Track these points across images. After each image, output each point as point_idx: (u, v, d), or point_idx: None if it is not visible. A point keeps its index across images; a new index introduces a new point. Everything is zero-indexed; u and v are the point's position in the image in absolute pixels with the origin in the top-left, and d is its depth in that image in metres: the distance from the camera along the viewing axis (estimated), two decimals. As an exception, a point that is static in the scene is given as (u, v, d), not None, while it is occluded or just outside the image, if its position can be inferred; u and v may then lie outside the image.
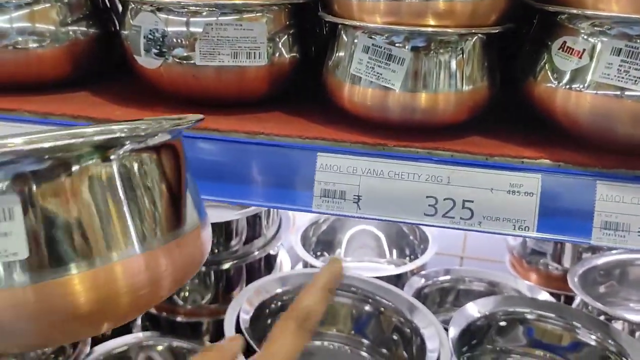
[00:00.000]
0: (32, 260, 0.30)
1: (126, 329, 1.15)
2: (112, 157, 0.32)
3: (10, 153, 0.30)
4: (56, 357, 0.88)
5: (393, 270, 1.14)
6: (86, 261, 0.31)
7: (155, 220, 0.34)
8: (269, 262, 1.05)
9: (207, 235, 0.40)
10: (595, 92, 0.48)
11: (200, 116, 0.40)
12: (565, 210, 0.50)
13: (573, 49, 0.49)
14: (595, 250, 1.05)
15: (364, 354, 0.86)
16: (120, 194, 0.33)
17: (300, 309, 0.38)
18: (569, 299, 1.03)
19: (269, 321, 0.83)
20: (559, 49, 0.51)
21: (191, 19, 0.55)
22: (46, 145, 0.30)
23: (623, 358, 0.73)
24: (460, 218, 0.51)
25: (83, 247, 0.31)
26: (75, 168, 0.31)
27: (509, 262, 1.20)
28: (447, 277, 1.07)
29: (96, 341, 0.97)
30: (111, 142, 0.33)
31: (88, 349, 0.94)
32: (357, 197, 0.52)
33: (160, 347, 0.93)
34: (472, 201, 0.51)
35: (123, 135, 0.33)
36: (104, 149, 0.32)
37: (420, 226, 1.24)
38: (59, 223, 0.31)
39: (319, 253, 1.28)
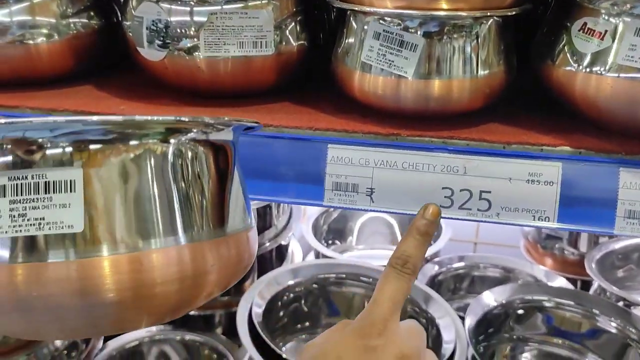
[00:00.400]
0: (84, 234, 0.30)
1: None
2: (174, 142, 0.33)
3: (80, 122, 0.30)
4: (69, 352, 0.88)
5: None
6: (133, 243, 0.31)
7: (205, 213, 0.35)
8: (281, 253, 1.05)
9: (254, 238, 0.40)
10: (617, 75, 0.46)
11: (257, 122, 0.41)
12: (587, 199, 0.48)
13: (594, 30, 0.47)
14: (612, 235, 1.03)
15: (379, 344, 0.85)
16: (178, 181, 0.33)
17: (397, 256, 0.42)
18: (586, 284, 1.01)
19: (282, 313, 0.82)
20: (579, 31, 0.48)
21: (195, 9, 0.54)
22: (118, 119, 0.31)
23: (644, 346, 0.72)
24: (478, 209, 0.49)
25: (137, 228, 0.32)
26: (138, 148, 0.32)
27: (523, 248, 1.18)
28: (462, 264, 1.06)
29: (109, 336, 0.97)
30: (179, 126, 0.33)
31: (101, 343, 0.94)
32: (370, 190, 0.51)
33: (173, 341, 0.93)
34: (490, 192, 0.49)
35: (191, 122, 0.34)
36: (169, 133, 0.33)
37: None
38: (115, 201, 0.31)
39: (330, 242, 1.27)
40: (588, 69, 0.47)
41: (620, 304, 0.83)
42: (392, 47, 0.49)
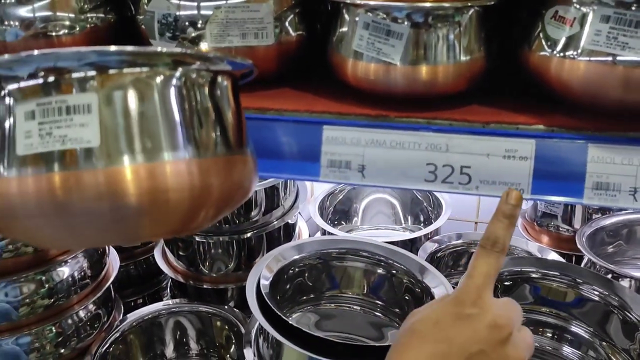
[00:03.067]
0: (102, 148, 0.36)
1: (157, 297, 1.22)
2: (179, 71, 0.39)
3: (98, 53, 0.36)
4: (92, 323, 0.95)
5: (407, 236, 1.18)
6: (144, 155, 0.37)
7: (210, 134, 0.41)
8: (288, 231, 1.10)
9: (252, 166, 0.46)
10: (586, 58, 0.50)
11: (250, 62, 0.46)
12: (559, 173, 0.52)
13: (565, 18, 0.51)
14: (605, 211, 1.07)
15: (378, 314, 0.91)
16: (185, 104, 0.40)
17: (487, 237, 0.47)
18: (579, 259, 1.06)
19: (288, 286, 0.88)
20: (551, 18, 0.53)
21: (201, 3, 0.59)
22: (129, 49, 0.37)
23: (626, 312, 0.76)
24: (459, 183, 0.54)
25: (146, 142, 0.37)
26: (147, 75, 0.38)
27: (521, 226, 1.23)
28: (460, 241, 1.10)
29: (128, 309, 1.04)
30: (185, 57, 0.40)
31: (121, 315, 1.01)
32: (361, 167, 0.56)
33: (188, 312, 0.99)
34: (470, 167, 0.54)
35: (194, 54, 0.41)
36: (177, 63, 0.39)
37: (435, 193, 1.27)
38: (128, 119, 0.37)
39: (335, 222, 1.32)
40: (560, 54, 0.52)
41: (609, 276, 0.88)
42: (380, 37, 0.54)
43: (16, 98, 0.37)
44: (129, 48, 0.37)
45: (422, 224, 1.30)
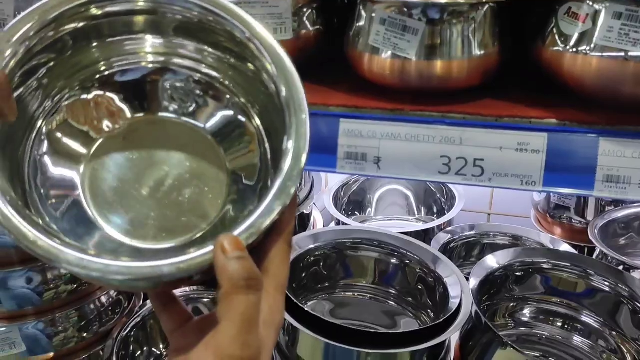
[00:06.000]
0: None
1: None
2: None
3: None
4: (113, 308, 0.98)
5: (420, 227, 1.20)
6: None
7: None
8: (303, 221, 1.12)
9: None
10: (599, 54, 0.51)
11: None
12: (570, 166, 0.54)
13: (578, 14, 0.53)
14: (618, 204, 1.08)
15: (392, 303, 0.93)
16: None
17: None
18: (591, 251, 1.06)
19: (303, 274, 0.90)
20: (564, 14, 0.54)
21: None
22: None
23: (636, 302, 0.77)
24: (472, 175, 0.56)
25: None
26: None
27: (534, 218, 1.23)
28: (472, 232, 1.12)
29: (148, 296, 1.06)
30: None
31: (141, 302, 1.04)
32: (377, 159, 0.57)
33: (206, 299, 1.02)
34: (483, 159, 0.55)
35: None
36: None
37: (448, 184, 1.28)
38: None
39: (350, 213, 1.34)
40: (573, 49, 0.53)
41: (621, 268, 0.89)
42: (396, 32, 0.56)
43: None
44: None
45: (435, 215, 1.31)
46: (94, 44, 0.44)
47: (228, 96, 0.46)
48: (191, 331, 0.43)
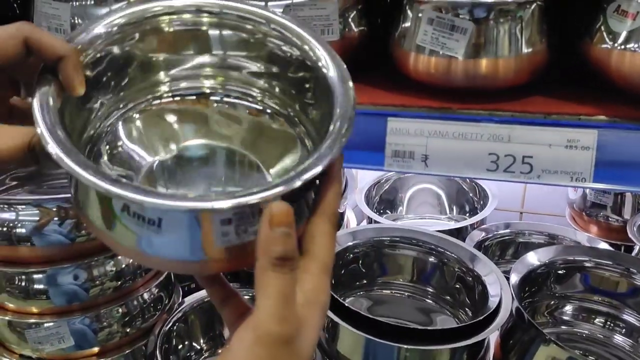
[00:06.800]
0: None
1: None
2: None
3: None
4: (155, 305, 1.00)
5: (453, 225, 1.20)
6: None
7: None
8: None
9: None
10: (649, 51, 0.51)
11: None
12: (620, 162, 0.54)
13: (627, 12, 0.53)
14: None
15: (429, 301, 0.93)
16: None
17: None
18: (629, 249, 1.06)
19: (342, 271, 0.91)
20: (613, 12, 0.54)
21: (269, 3, 0.62)
22: None
23: (679, 301, 0.77)
24: (520, 172, 0.56)
25: None
26: None
27: (569, 216, 1.23)
28: (507, 231, 1.11)
29: (183, 293, 1.09)
30: None
31: (180, 298, 1.06)
32: (424, 156, 0.58)
33: (244, 296, 1.03)
34: (532, 156, 0.56)
35: None
36: None
37: (480, 183, 1.28)
38: None
39: (381, 211, 1.35)
40: (622, 46, 0.53)
41: (661, 266, 0.88)
42: (444, 32, 0.57)
43: None
44: None
45: (467, 214, 1.31)
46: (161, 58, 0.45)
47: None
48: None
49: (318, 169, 0.35)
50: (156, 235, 0.34)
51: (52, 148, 0.33)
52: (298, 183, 0.34)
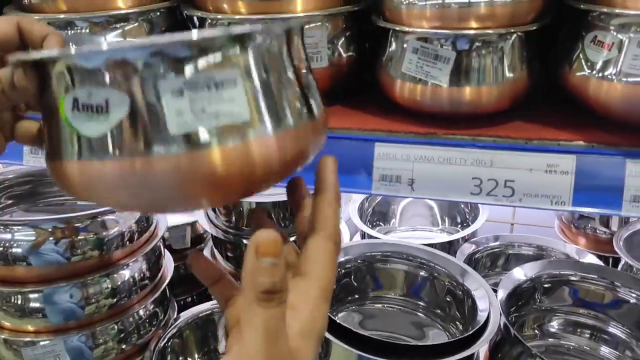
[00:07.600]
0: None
1: (206, 296, 1.28)
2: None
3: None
4: (150, 321, 1.02)
5: (445, 238, 1.22)
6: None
7: (298, 101, 0.37)
8: (330, 234, 1.15)
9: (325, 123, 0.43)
10: (624, 80, 0.54)
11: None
12: (598, 186, 0.56)
13: (603, 42, 0.55)
14: (619, 215, 1.09)
15: (420, 314, 0.95)
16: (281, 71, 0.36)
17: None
18: (616, 261, 1.08)
19: (335, 286, 0.93)
20: (590, 42, 0.56)
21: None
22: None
23: (662, 314, 0.79)
24: (503, 196, 0.58)
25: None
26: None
27: (557, 228, 1.25)
28: (497, 243, 1.14)
29: (179, 308, 1.10)
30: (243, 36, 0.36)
31: (175, 314, 1.07)
32: (411, 180, 0.60)
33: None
34: (513, 180, 0.58)
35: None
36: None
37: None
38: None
39: (374, 223, 1.37)
40: (599, 75, 0.55)
41: (646, 278, 0.90)
42: (428, 60, 0.59)
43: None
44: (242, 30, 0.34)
45: (459, 226, 1.33)
46: None
47: None
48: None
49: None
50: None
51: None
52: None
